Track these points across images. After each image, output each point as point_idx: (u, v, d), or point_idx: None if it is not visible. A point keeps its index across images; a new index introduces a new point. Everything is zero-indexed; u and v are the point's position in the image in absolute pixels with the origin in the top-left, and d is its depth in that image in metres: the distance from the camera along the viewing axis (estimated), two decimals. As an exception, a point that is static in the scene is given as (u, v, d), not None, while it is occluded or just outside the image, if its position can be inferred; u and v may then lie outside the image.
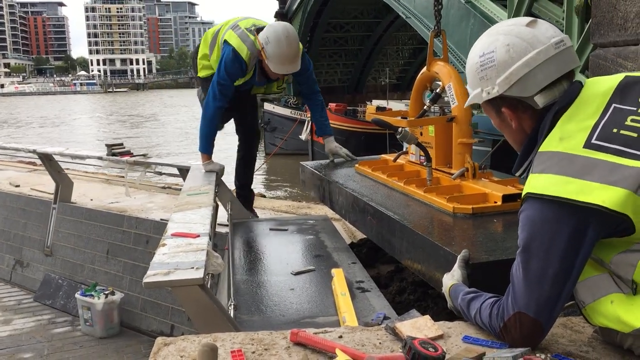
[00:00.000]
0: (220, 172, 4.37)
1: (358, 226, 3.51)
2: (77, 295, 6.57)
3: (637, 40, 2.70)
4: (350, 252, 3.54)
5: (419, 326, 1.73)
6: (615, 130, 1.47)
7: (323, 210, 5.42)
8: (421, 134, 3.50)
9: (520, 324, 1.53)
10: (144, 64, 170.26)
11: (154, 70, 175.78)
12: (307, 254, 3.50)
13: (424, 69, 3.56)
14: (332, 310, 2.62)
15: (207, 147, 4.37)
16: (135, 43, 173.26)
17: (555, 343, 1.66)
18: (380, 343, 1.71)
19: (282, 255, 3.60)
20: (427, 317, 1.80)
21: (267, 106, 35.96)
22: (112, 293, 6.47)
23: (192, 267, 2.26)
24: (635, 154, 1.42)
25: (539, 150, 1.55)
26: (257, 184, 15.44)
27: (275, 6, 41.91)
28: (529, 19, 1.70)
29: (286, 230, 4.11)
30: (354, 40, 40.46)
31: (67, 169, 8.29)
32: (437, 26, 3.93)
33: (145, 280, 2.19)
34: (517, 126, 1.68)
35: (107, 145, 6.88)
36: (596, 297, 1.53)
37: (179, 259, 2.37)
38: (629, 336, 1.53)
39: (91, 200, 7.58)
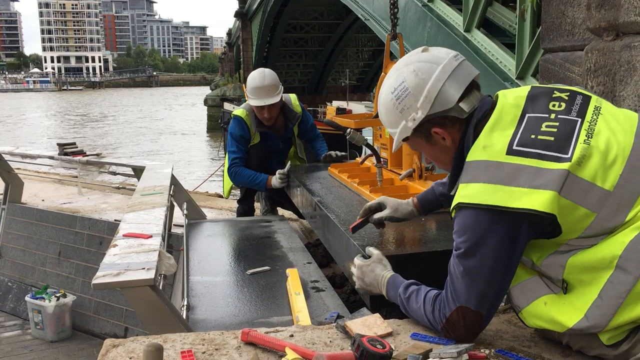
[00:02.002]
0: (277, 179, 4.36)
1: (312, 226, 3.54)
2: (27, 298, 6.40)
3: (584, 46, 2.78)
4: (306, 252, 3.55)
5: (368, 324, 1.75)
6: (533, 136, 1.54)
7: (281, 210, 5.40)
8: (380, 136, 3.55)
9: (464, 318, 1.59)
10: (100, 62, 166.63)
11: (111, 69, 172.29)
12: (262, 254, 3.48)
13: (382, 72, 3.61)
14: (286, 310, 2.62)
15: (260, 182, 4.47)
16: (91, 40, 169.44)
17: (499, 339, 1.71)
18: (330, 341, 1.72)
19: (238, 255, 3.59)
20: (377, 315, 1.82)
21: (227, 106, 35.66)
22: (64, 295, 6.32)
23: (143, 268, 2.23)
24: (554, 156, 1.49)
25: (466, 161, 1.62)
26: (215, 185, 15.33)
27: (235, 6, 41.72)
28: (422, 47, 1.79)
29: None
30: (314, 41, 40.56)
31: (18, 168, 8.06)
32: (393, 29, 3.97)
33: (95, 281, 2.15)
34: (451, 142, 1.74)
35: (59, 145, 6.72)
36: (530, 300, 1.60)
37: (130, 259, 2.34)
38: (565, 334, 1.58)
39: (42, 200, 7.38)
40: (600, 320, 1.45)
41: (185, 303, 2.69)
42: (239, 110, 4.62)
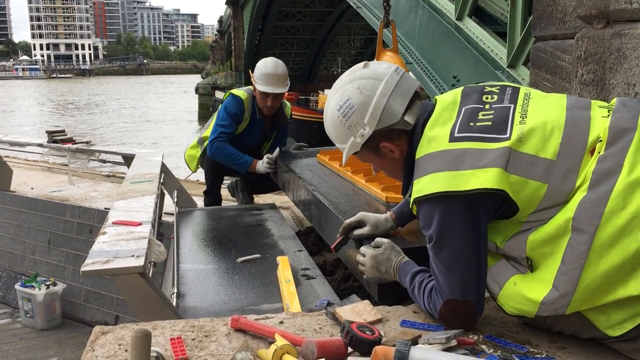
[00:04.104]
0: (264, 164, 4.31)
1: (306, 215, 3.52)
2: (17, 287, 6.39)
3: (575, 34, 2.78)
4: (297, 239, 3.55)
5: (358, 311, 1.75)
6: (472, 124, 1.63)
7: (271, 198, 5.41)
8: None
9: (454, 310, 1.62)
10: (90, 49, 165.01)
11: (101, 56, 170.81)
12: (253, 242, 3.48)
13: (375, 59, 3.59)
14: (277, 298, 2.62)
15: (244, 162, 4.38)
16: (81, 28, 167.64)
17: (487, 325, 1.72)
18: (320, 328, 1.73)
19: (228, 243, 3.58)
20: (367, 301, 1.83)
21: (219, 94, 35.48)
22: (54, 284, 6.31)
23: (133, 255, 2.23)
24: (494, 137, 1.57)
25: (416, 159, 1.68)
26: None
27: (226, -7, 41.37)
28: (363, 63, 1.85)
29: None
30: (305, 29, 40.41)
31: (7, 156, 8.01)
32: (386, 17, 3.95)
33: (83, 269, 2.14)
34: (399, 154, 1.79)
35: (48, 132, 6.68)
36: (502, 284, 1.63)
37: (119, 247, 2.33)
38: (558, 320, 1.59)
39: (32, 189, 7.34)
40: (568, 285, 1.47)
41: (176, 291, 2.69)
42: (239, 92, 4.56)
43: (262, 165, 4.31)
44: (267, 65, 4.39)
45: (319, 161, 3.91)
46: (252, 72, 4.47)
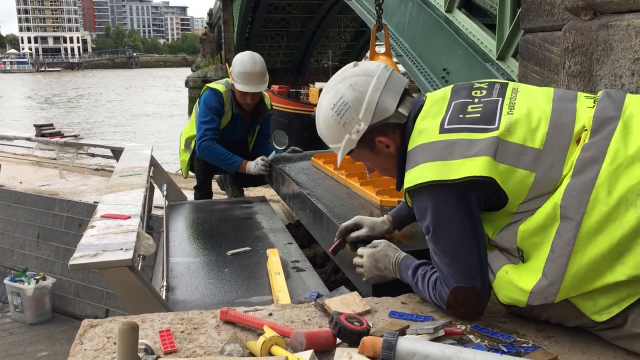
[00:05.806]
0: (257, 165, 4.24)
1: (300, 216, 3.50)
2: (5, 281, 6.36)
3: (562, 26, 2.79)
4: (287, 232, 3.55)
5: (347, 302, 1.76)
6: (461, 116, 1.67)
7: (262, 192, 5.41)
8: None
9: (462, 298, 1.64)
10: (78, 42, 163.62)
11: (90, 50, 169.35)
12: (243, 235, 3.48)
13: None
14: (266, 290, 2.62)
15: (233, 163, 4.31)
16: (69, 20, 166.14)
17: (475, 315, 1.73)
18: (309, 319, 1.73)
19: (218, 236, 3.58)
20: (355, 293, 1.83)
21: (208, 88, 35.29)
22: (44, 278, 6.29)
23: (121, 249, 2.22)
24: (483, 128, 1.61)
25: (408, 151, 1.72)
26: (197, 167, 15.18)
27: (215, -15, 41.13)
28: (352, 63, 1.89)
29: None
30: (296, 22, 40.26)
31: (-5, 150, 7.95)
32: (378, 21, 3.93)
33: (72, 262, 2.13)
34: (394, 149, 1.82)
35: (36, 126, 6.62)
36: (495, 273, 1.65)
37: (107, 240, 2.32)
38: (545, 308, 1.61)
39: (20, 183, 7.29)
40: (556, 273, 1.49)
41: (165, 284, 2.68)
42: (218, 85, 4.45)
43: (254, 166, 4.24)
44: (245, 63, 4.25)
45: (314, 164, 3.88)
46: (229, 65, 4.37)
